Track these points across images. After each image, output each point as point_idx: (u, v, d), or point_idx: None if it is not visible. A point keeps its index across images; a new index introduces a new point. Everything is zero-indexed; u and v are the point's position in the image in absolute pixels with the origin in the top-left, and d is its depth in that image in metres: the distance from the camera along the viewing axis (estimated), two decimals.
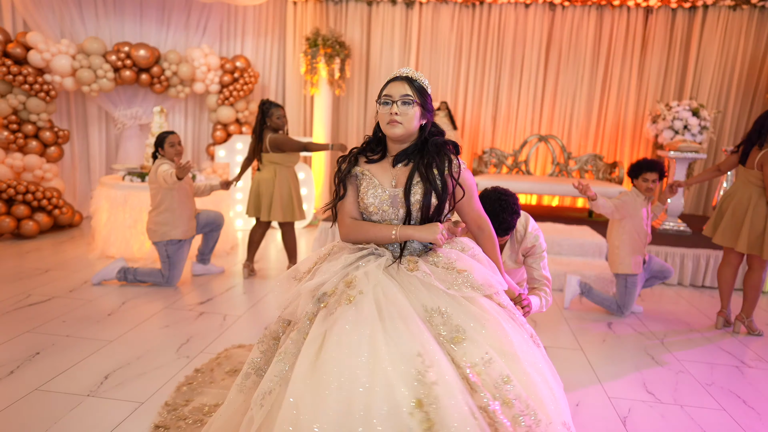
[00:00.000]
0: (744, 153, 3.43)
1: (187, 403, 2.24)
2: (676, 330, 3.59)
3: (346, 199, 1.72)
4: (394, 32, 6.74)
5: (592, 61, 6.54)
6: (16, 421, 2.15)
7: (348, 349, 1.30)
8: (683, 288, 4.63)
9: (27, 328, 3.07)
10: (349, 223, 1.70)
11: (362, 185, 1.70)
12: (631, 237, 3.55)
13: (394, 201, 1.66)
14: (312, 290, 1.51)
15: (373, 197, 1.66)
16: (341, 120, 7.02)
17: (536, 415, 1.33)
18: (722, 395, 2.68)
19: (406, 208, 1.64)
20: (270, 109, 4.00)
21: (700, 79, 6.34)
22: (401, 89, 1.64)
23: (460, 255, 1.63)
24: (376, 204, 1.66)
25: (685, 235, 5.17)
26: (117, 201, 4.55)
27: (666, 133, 5.75)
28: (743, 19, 6.15)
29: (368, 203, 1.67)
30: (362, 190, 1.70)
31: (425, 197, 1.62)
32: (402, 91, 1.64)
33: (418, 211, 1.64)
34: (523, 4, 6.52)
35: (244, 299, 3.80)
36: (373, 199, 1.66)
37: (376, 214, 1.68)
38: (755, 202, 3.35)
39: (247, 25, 6.82)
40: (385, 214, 1.67)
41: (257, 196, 4.06)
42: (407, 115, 1.63)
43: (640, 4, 6.31)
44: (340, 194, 1.72)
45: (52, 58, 5.48)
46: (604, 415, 2.42)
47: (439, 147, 1.69)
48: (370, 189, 1.67)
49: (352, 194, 1.73)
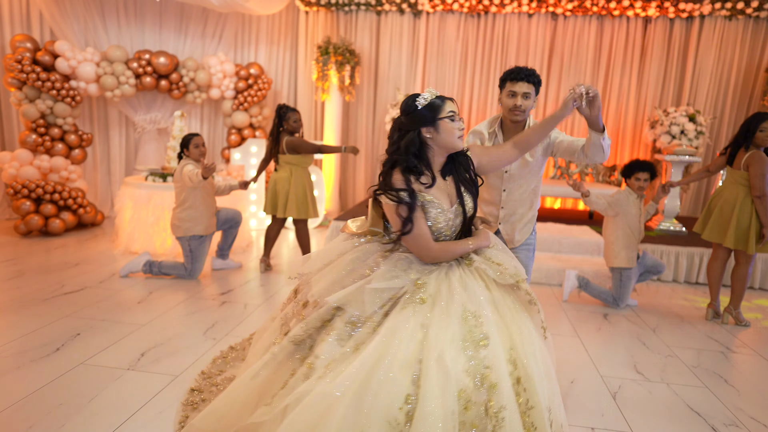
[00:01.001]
0: (731, 155, 3.66)
1: (220, 373, 2.50)
2: (668, 321, 3.81)
3: (423, 227, 1.82)
4: (402, 41, 7.02)
5: (593, 68, 6.79)
6: (66, 390, 2.41)
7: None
8: (678, 284, 4.85)
9: (66, 313, 3.34)
10: (436, 248, 1.84)
11: (431, 212, 1.85)
12: (624, 233, 3.79)
13: (456, 216, 1.90)
14: (379, 290, 1.74)
15: (444, 221, 1.86)
16: (351, 125, 7.30)
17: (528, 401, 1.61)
18: (706, 376, 2.90)
19: (462, 217, 1.89)
20: (287, 113, 4.26)
21: (697, 87, 6.57)
22: (455, 107, 1.86)
23: (492, 251, 1.91)
24: (448, 225, 1.88)
25: (680, 235, 5.39)
26: (141, 200, 4.82)
27: (663, 138, 5.99)
28: (738, 29, 6.39)
29: (441, 227, 1.87)
30: (433, 216, 1.85)
31: (474, 203, 1.90)
32: (456, 108, 1.86)
33: (470, 215, 1.90)
34: (527, 14, 6.78)
35: (261, 291, 4.05)
36: (444, 223, 1.87)
37: (447, 233, 1.89)
38: (741, 200, 3.58)
39: (261, 33, 7.13)
40: (453, 231, 1.91)
41: (274, 195, 4.32)
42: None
43: (639, 15, 6.56)
44: (408, 228, 1.80)
45: (78, 66, 5.79)
46: (597, 391, 2.65)
47: (461, 153, 1.92)
48: (441, 215, 1.86)
49: (423, 219, 1.83)
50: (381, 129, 7.22)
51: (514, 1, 6.62)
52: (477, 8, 6.77)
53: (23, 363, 2.65)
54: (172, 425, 2.17)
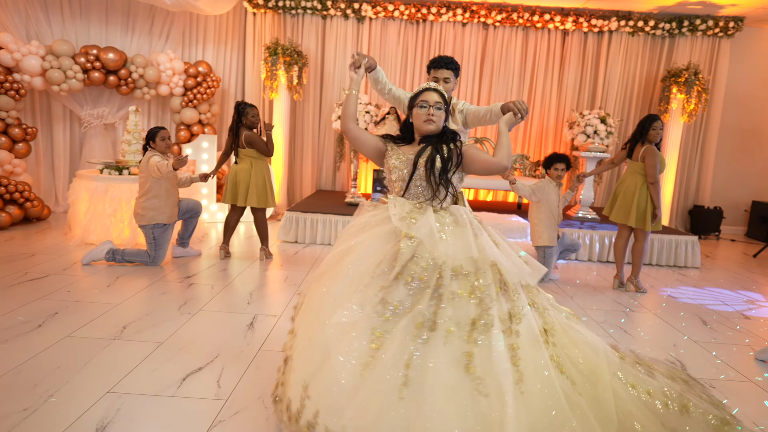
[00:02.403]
0: (630, 149, 4.39)
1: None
2: (583, 290, 4.48)
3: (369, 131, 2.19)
4: (347, 44, 7.43)
5: (519, 74, 7.52)
6: (60, 357, 2.64)
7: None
8: (592, 263, 5.60)
9: (37, 296, 3.48)
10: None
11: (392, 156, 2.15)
12: (546, 216, 4.42)
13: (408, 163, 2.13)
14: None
15: (396, 159, 2.13)
16: (298, 123, 7.61)
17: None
18: (610, 328, 3.55)
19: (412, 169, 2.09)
20: (245, 109, 4.57)
21: (608, 93, 7.47)
22: (430, 97, 2.14)
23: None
24: (400, 162, 2.12)
25: (594, 221, 6.18)
26: (98, 192, 4.93)
27: (580, 137, 6.78)
28: (640, 44, 7.34)
29: (394, 163, 2.13)
30: (393, 156, 2.15)
31: (429, 160, 2.08)
32: (431, 98, 2.15)
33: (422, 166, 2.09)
34: (461, 23, 7.41)
35: (224, 274, 4.33)
36: (396, 160, 2.14)
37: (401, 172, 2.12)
38: (640, 187, 4.30)
39: (208, 32, 7.29)
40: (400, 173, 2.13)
41: (234, 185, 4.61)
42: (439, 116, 2.13)
43: (558, 28, 7.36)
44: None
45: (22, 59, 5.75)
46: None
47: (454, 133, 2.21)
48: (395, 155, 2.15)
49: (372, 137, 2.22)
50: (327, 127, 7.59)
51: (449, 11, 7.22)
52: (416, 16, 7.31)
53: (9, 338, 2.83)
54: (167, 381, 2.47)
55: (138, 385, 2.41)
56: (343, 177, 7.78)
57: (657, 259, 5.63)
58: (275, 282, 4.27)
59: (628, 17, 7.14)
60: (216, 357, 2.75)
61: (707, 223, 7.38)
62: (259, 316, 3.39)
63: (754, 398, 2.69)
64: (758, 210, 7.55)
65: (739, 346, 3.38)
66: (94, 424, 2.08)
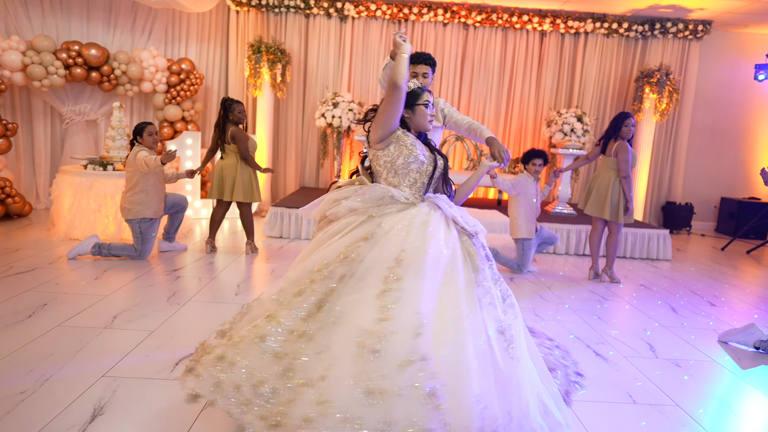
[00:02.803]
0: (604, 145, 4.57)
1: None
2: (560, 281, 4.66)
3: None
4: (330, 43, 7.52)
5: (499, 74, 7.71)
6: (53, 344, 2.69)
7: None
8: (569, 256, 5.79)
9: (25, 288, 3.51)
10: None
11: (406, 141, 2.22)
12: (525, 209, 4.59)
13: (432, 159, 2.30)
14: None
15: (420, 151, 2.21)
16: (281, 120, 7.68)
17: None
18: (585, 315, 3.72)
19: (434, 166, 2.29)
20: (231, 105, 4.63)
21: (584, 92, 7.70)
22: (430, 97, 2.30)
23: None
24: (423, 155, 2.24)
25: (571, 216, 6.38)
26: (82, 187, 4.94)
27: (557, 135, 7.00)
28: (614, 45, 7.59)
29: (417, 154, 2.21)
30: (409, 144, 2.20)
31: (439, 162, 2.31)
32: (430, 98, 2.31)
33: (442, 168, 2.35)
34: (442, 23, 7.56)
35: (211, 267, 4.39)
36: (420, 151, 2.22)
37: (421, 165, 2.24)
38: (613, 181, 4.48)
39: (191, 30, 7.30)
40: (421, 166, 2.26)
41: (221, 180, 4.67)
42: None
43: (536, 29, 7.56)
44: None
45: (2, 54, 5.71)
46: None
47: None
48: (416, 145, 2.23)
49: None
50: (310, 124, 7.67)
51: (430, 11, 7.36)
52: (398, 16, 7.43)
53: (0, 327, 2.86)
54: (160, 365, 2.54)
55: (132, 369, 2.48)
56: (326, 174, 7.86)
57: (631, 252, 5.86)
58: (262, 274, 4.34)
59: (603, 19, 7.38)
60: None
61: (679, 219, 7.66)
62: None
63: (717, 376, 2.87)
64: (727, 206, 7.87)
65: (705, 330, 3.58)
66: (91, 404, 2.15)
